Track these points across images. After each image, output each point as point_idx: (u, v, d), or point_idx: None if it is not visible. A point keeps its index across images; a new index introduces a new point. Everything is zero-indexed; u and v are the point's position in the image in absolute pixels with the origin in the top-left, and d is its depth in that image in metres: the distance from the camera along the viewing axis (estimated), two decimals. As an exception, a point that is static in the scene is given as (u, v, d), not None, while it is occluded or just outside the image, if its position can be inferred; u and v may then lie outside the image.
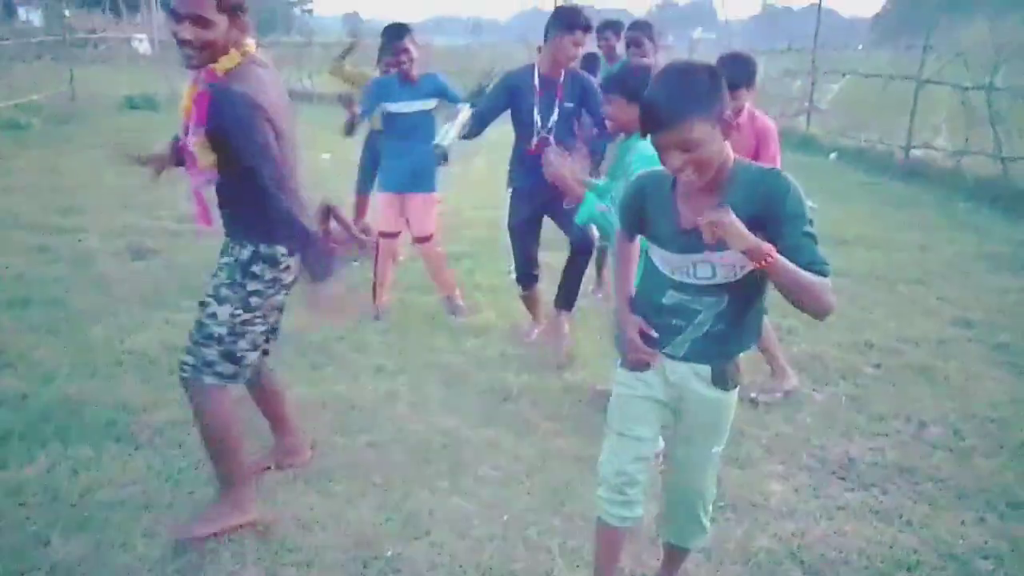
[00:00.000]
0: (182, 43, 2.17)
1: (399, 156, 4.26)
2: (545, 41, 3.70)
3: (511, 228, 3.94)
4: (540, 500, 2.72)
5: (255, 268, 2.37)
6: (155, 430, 3.08)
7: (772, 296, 1.80)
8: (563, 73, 3.72)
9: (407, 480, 2.80)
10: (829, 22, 15.69)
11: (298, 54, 18.67)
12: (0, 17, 29.31)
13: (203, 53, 2.18)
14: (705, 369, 1.90)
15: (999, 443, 3.23)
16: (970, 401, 3.59)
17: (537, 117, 3.72)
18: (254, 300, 2.39)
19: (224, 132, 2.20)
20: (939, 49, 10.08)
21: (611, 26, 6.20)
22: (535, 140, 3.74)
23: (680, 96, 1.62)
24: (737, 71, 3.13)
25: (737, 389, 1.97)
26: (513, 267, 4.00)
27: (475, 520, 2.61)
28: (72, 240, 5.69)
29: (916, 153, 9.86)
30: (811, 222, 1.69)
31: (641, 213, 1.89)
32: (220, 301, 2.37)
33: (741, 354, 1.94)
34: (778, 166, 3.49)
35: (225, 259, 2.41)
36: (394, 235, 4.39)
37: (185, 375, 2.42)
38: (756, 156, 3.35)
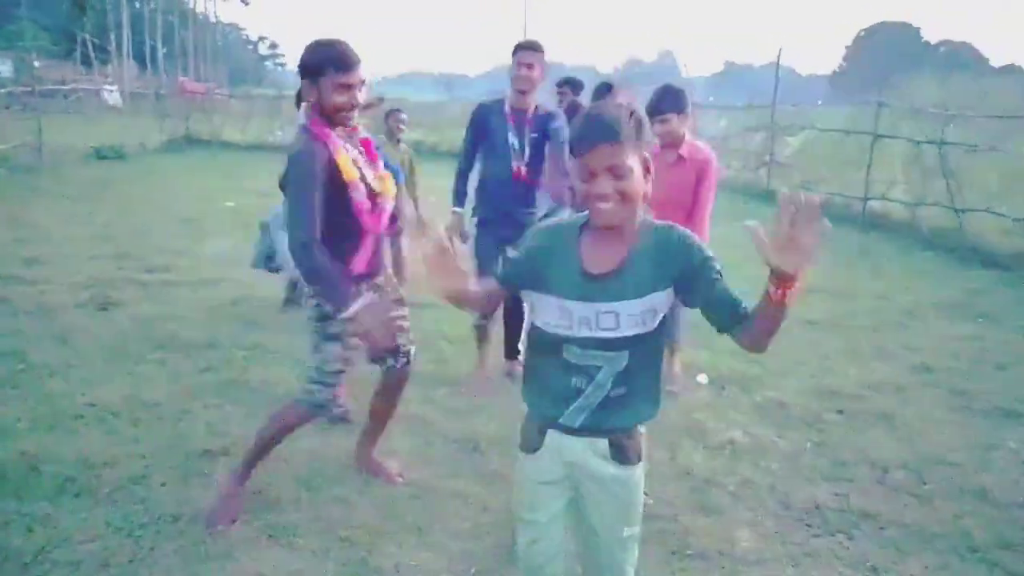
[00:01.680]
0: (352, 107, 2.58)
1: None
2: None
3: (477, 257, 4.01)
4: (508, 553, 2.70)
5: None
6: (116, 485, 3.01)
7: (735, 344, 1.75)
8: (531, 107, 3.89)
9: (373, 534, 2.77)
10: (788, 79, 16.29)
11: (270, 106, 18.85)
12: (-32, 68, 29.18)
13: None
14: (603, 443, 1.76)
15: (960, 487, 3.29)
16: (931, 446, 3.66)
17: (514, 141, 3.86)
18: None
19: None
20: (892, 105, 10.51)
21: (570, 82, 6.42)
22: (515, 165, 3.87)
23: (619, 119, 1.61)
24: (667, 98, 3.73)
25: (642, 463, 1.82)
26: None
27: (443, 574, 2.58)
28: (35, 292, 5.60)
29: (874, 205, 10.18)
30: (715, 260, 1.67)
31: (538, 264, 1.74)
32: (404, 303, 3.05)
33: (641, 425, 1.81)
34: (711, 196, 3.83)
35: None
36: None
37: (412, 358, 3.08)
38: (696, 187, 3.76)
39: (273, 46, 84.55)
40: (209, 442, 3.38)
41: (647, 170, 1.66)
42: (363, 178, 2.63)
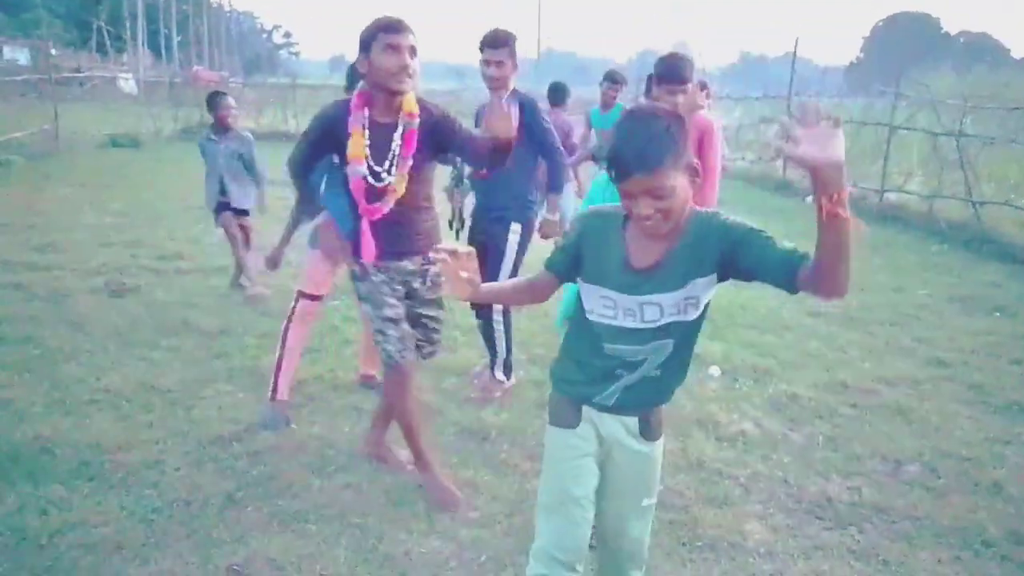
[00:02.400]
0: (401, 70, 2.54)
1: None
2: None
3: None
4: (518, 541, 2.70)
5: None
6: (129, 470, 3.03)
7: (748, 336, 1.80)
8: (503, 96, 3.46)
9: (384, 521, 2.78)
10: (804, 70, 16.13)
11: (283, 95, 18.86)
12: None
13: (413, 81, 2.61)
14: (633, 421, 1.83)
15: (974, 481, 3.26)
16: (945, 440, 3.63)
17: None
18: None
19: (443, 135, 2.73)
20: (909, 96, 10.39)
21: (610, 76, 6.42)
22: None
23: (656, 142, 1.56)
24: (686, 67, 3.57)
25: (662, 440, 1.91)
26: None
27: (452, 562, 2.58)
28: (49, 278, 5.64)
29: (890, 197, 10.09)
30: (756, 229, 1.63)
31: (584, 252, 1.77)
32: (441, 305, 3.01)
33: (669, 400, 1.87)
34: (717, 161, 3.82)
35: (433, 267, 2.82)
36: (318, 298, 3.62)
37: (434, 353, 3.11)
38: (700, 153, 3.60)
39: (287, 35, 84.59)
40: (221, 428, 3.40)
41: (694, 174, 1.63)
42: (372, 163, 2.62)
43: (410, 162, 2.67)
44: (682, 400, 3.02)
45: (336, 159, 2.80)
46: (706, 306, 1.75)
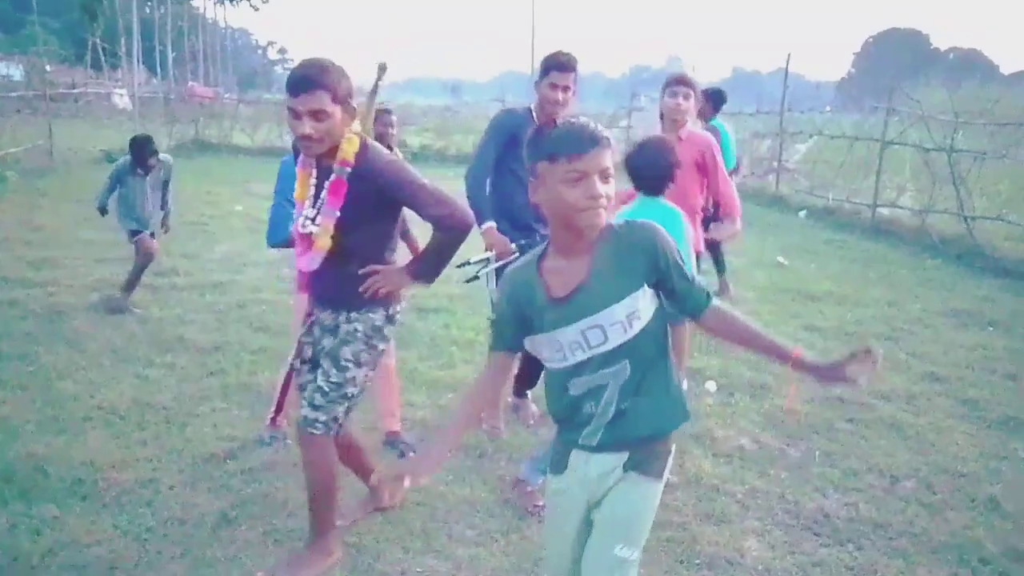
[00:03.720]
0: (304, 138, 2.23)
1: None
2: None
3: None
4: (515, 560, 2.69)
5: (387, 330, 2.53)
6: (123, 488, 3.01)
7: (743, 352, 1.80)
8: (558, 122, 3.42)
9: (380, 539, 2.76)
10: (796, 85, 16.25)
11: (279, 111, 18.89)
12: (-21, 72, 29.43)
13: (323, 144, 2.27)
14: (622, 457, 1.72)
15: (970, 497, 3.26)
16: (941, 455, 3.64)
17: None
18: (379, 359, 2.57)
19: (385, 191, 2.35)
20: (901, 112, 10.48)
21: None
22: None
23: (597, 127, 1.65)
24: (688, 79, 3.74)
25: (664, 479, 1.78)
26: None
27: (449, 580, 2.57)
28: (44, 294, 5.63)
29: (883, 212, 10.14)
30: (682, 258, 1.70)
31: (519, 309, 1.73)
32: (359, 365, 2.47)
33: (667, 434, 1.77)
34: (724, 170, 3.78)
35: (352, 326, 2.46)
36: None
37: (317, 432, 2.47)
38: (707, 169, 3.68)
39: (282, 51, 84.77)
40: (216, 445, 3.38)
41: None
42: (307, 207, 2.41)
43: (336, 215, 2.34)
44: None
45: None
46: (659, 324, 1.70)
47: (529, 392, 3.92)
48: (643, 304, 1.66)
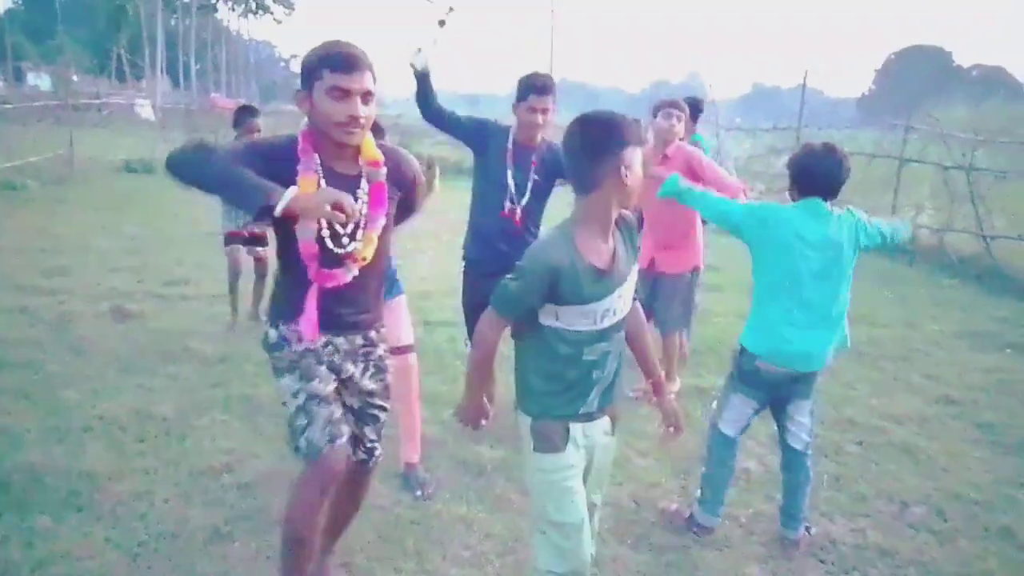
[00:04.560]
0: (352, 122, 1.95)
1: None
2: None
3: (465, 306, 3.59)
4: (510, 581, 2.64)
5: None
6: (118, 501, 2.99)
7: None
8: (538, 144, 3.41)
9: (372, 559, 2.71)
10: (816, 102, 16.16)
11: (298, 122, 19.03)
12: (10, 82, 30.03)
13: (364, 133, 2.03)
14: (607, 421, 2.09)
15: (983, 525, 3.16)
16: (953, 481, 3.54)
17: (511, 182, 3.41)
18: None
19: (402, 185, 2.20)
20: (920, 129, 10.35)
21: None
22: (508, 206, 3.43)
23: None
24: (679, 102, 4.23)
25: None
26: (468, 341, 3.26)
27: (441, 601, 2.52)
28: (54, 302, 5.66)
29: (900, 230, 9.99)
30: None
31: (554, 282, 1.87)
32: (385, 397, 2.36)
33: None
34: (715, 169, 4.06)
35: (379, 350, 2.28)
36: (403, 350, 3.23)
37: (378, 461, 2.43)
38: (699, 175, 3.97)
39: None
40: (213, 459, 3.36)
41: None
42: (332, 224, 1.99)
43: (382, 222, 2.13)
44: (686, 435, 2.96)
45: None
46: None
47: None
48: (635, 278, 2.05)
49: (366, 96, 1.96)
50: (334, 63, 1.93)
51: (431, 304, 5.91)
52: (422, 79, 3.40)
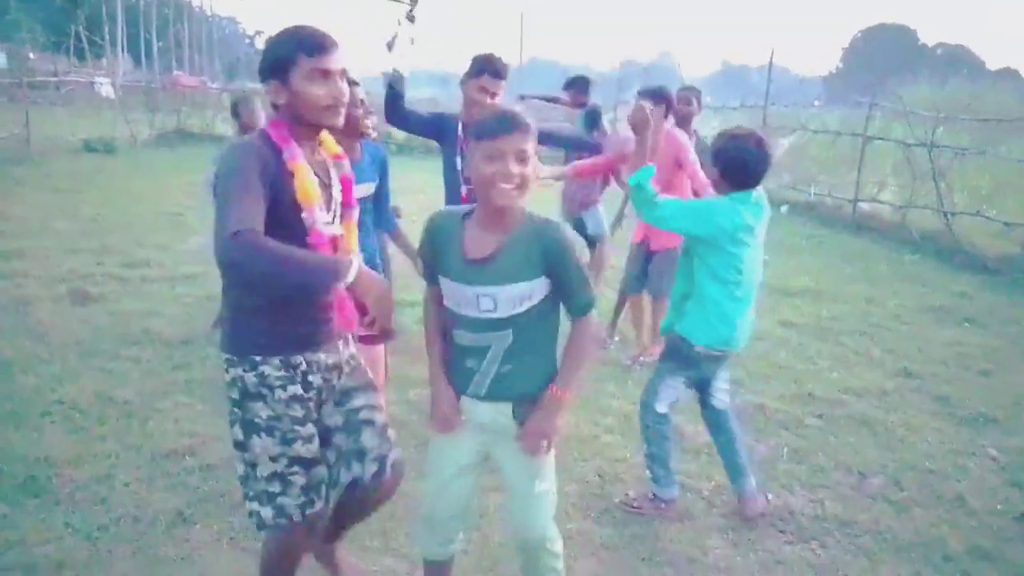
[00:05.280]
0: (335, 104, 1.90)
1: None
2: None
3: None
4: (475, 559, 2.66)
5: None
6: (77, 485, 2.95)
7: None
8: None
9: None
10: (784, 80, 16.25)
11: (264, 100, 18.69)
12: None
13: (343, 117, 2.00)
14: (506, 406, 1.98)
15: (937, 494, 3.25)
16: (910, 452, 3.63)
17: (461, 167, 3.40)
18: None
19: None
20: (884, 106, 10.48)
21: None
22: (465, 189, 3.41)
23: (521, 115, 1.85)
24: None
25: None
26: None
27: (406, 579, 2.53)
28: (11, 285, 5.53)
29: (864, 207, 10.15)
30: (580, 266, 1.92)
31: (436, 248, 1.95)
32: (371, 387, 2.24)
33: (539, 394, 1.97)
34: (697, 166, 4.18)
35: (356, 355, 2.18)
36: None
37: (399, 469, 2.29)
38: (682, 169, 4.26)
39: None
40: (176, 442, 3.32)
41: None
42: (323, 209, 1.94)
43: (355, 211, 2.11)
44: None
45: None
46: (550, 305, 1.93)
47: None
48: (537, 290, 1.90)
49: (342, 74, 1.93)
50: (310, 47, 1.86)
51: (398, 283, 5.87)
52: (398, 82, 3.37)
